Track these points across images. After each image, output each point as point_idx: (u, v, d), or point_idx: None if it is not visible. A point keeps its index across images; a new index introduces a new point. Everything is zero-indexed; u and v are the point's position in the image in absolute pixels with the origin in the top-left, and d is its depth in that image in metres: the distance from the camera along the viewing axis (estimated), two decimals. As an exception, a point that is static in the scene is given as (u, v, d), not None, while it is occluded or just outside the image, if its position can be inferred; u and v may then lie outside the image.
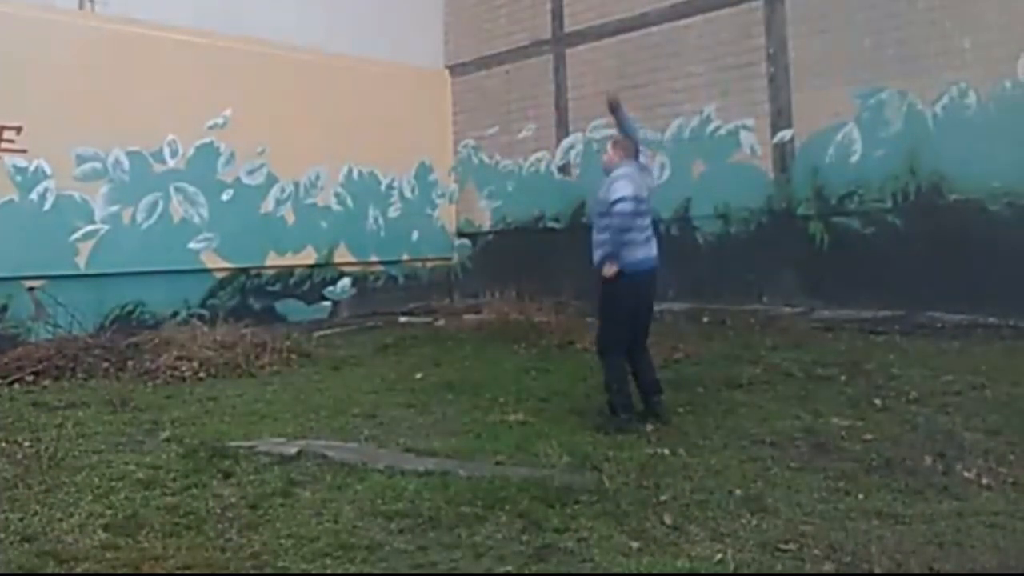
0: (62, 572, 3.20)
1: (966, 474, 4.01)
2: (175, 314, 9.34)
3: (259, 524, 3.64)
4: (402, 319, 11.05)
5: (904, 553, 3.15)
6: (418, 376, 7.03)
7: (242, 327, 8.30)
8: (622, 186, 5.06)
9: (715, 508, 3.70)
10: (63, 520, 3.70)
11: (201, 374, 7.19)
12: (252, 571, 3.19)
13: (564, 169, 11.18)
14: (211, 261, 9.87)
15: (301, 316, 10.60)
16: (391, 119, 11.37)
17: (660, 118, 10.05)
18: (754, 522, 3.55)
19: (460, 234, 12.42)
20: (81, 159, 8.85)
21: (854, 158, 8.66)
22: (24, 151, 8.42)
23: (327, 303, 11.05)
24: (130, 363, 7.39)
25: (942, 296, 7.86)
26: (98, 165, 8.99)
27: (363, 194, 11.37)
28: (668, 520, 3.57)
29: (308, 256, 10.78)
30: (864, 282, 8.44)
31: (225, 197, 9.98)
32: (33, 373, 7.00)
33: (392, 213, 11.71)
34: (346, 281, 11.23)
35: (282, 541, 3.45)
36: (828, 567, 3.10)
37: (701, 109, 9.76)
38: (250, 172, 10.21)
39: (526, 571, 3.14)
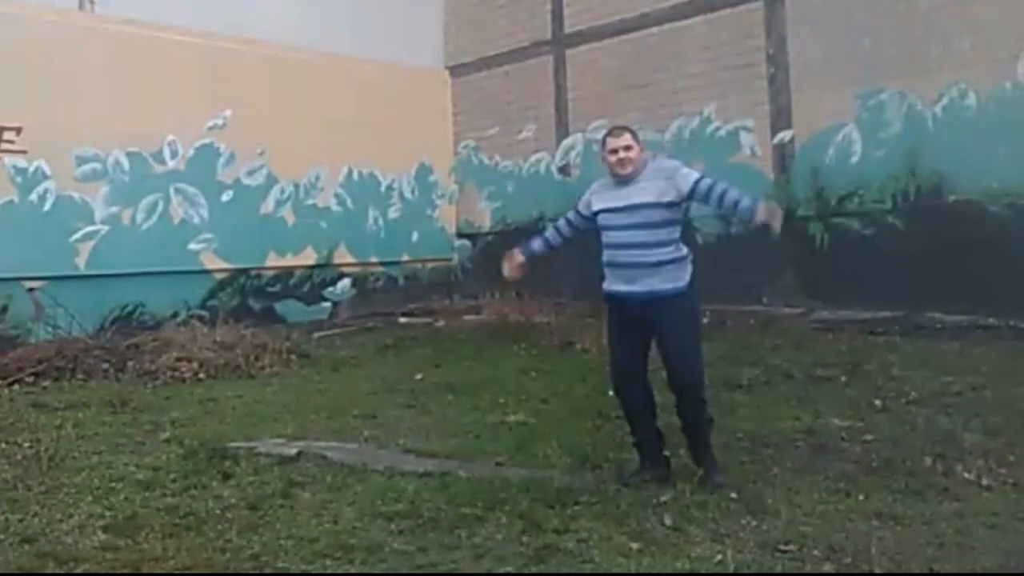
0: (62, 573, 3.19)
1: (966, 475, 4.00)
2: (175, 315, 9.33)
3: (259, 525, 3.64)
4: (402, 320, 11.03)
5: (904, 554, 3.15)
6: (418, 377, 7.03)
7: (242, 328, 8.29)
8: None
9: (715, 509, 3.69)
10: (63, 521, 3.70)
11: (201, 375, 7.19)
12: (252, 572, 3.19)
13: (564, 170, 11.17)
14: (211, 262, 9.86)
15: (301, 317, 10.59)
16: (391, 119, 11.35)
17: (660, 118, 10.03)
18: (754, 523, 3.54)
19: (460, 235, 12.41)
20: (81, 160, 8.84)
21: (854, 159, 8.66)
22: (24, 152, 8.41)
23: (327, 304, 11.04)
24: (130, 364, 7.38)
25: (942, 296, 7.84)
26: (98, 166, 8.98)
27: (363, 195, 11.36)
28: (668, 521, 3.56)
29: (308, 257, 10.77)
30: (864, 282, 8.43)
31: (225, 198, 9.97)
32: (33, 374, 7.00)
33: (392, 214, 11.70)
34: (346, 282, 11.23)
35: (282, 542, 3.45)
36: (828, 568, 3.09)
37: (701, 109, 9.75)
38: (250, 173, 10.20)
39: (526, 572, 3.14)
